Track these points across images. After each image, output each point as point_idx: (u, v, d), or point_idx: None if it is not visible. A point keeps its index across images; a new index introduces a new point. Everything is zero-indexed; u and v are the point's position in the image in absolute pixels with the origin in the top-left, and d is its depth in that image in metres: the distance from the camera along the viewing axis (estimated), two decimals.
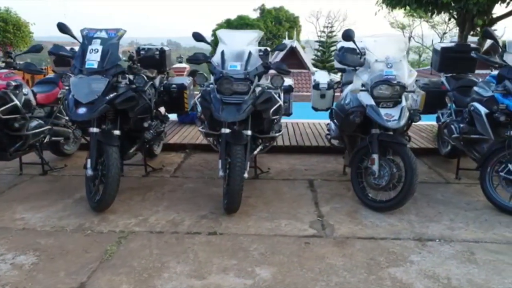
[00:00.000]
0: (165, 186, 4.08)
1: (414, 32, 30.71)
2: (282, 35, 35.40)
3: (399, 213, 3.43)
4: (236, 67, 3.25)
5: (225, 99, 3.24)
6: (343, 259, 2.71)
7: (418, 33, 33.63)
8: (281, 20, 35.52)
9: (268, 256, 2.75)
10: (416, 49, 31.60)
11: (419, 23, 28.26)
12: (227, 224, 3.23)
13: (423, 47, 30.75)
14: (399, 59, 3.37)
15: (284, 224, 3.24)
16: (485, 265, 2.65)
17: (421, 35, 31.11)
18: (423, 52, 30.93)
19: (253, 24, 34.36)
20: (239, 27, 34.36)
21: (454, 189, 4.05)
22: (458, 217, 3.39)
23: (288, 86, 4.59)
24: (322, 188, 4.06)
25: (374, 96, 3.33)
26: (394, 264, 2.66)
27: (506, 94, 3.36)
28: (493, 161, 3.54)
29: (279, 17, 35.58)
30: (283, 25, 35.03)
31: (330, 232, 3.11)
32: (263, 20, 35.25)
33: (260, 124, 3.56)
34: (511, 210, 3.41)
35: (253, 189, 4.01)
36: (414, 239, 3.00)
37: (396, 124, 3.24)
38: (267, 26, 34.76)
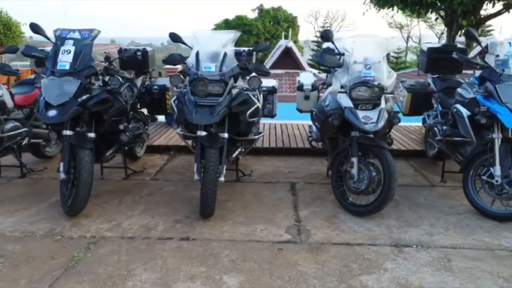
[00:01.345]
0: (144, 189, 4.01)
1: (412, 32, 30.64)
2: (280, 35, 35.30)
3: (378, 218, 3.36)
4: (210, 68, 3.17)
5: (199, 101, 3.17)
6: (315, 266, 2.64)
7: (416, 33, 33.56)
8: (279, 20, 35.45)
9: (238, 263, 2.68)
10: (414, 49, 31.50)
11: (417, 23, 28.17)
12: (201, 229, 3.16)
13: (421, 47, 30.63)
14: (378, 60, 3.29)
15: (259, 229, 3.17)
16: (461, 272, 2.58)
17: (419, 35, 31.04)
18: None
19: (251, 24, 34.36)
20: (237, 27, 34.32)
21: (438, 193, 3.97)
22: (439, 222, 3.31)
23: (271, 87, 4.52)
24: (304, 192, 3.99)
25: (352, 98, 3.26)
26: (367, 271, 2.58)
27: (488, 96, 3.29)
28: (475, 164, 3.47)
29: (277, 17, 35.52)
30: (281, 25, 34.96)
31: (305, 238, 3.03)
32: (261, 20, 35.19)
33: (238, 126, 3.49)
34: (493, 214, 3.34)
35: (233, 192, 3.94)
36: (390, 245, 2.93)
37: (374, 127, 3.17)
38: (265, 26, 34.71)
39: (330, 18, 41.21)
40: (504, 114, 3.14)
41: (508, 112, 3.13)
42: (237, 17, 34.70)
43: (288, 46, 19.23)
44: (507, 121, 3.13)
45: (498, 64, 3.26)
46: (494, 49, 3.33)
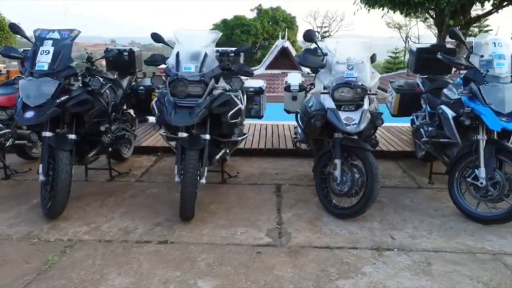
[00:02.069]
0: (128, 191, 3.97)
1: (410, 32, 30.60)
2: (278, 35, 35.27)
3: (362, 220, 3.31)
4: (190, 69, 3.13)
5: (179, 102, 3.12)
6: (293, 270, 2.59)
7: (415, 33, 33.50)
8: (277, 20, 35.38)
9: (215, 267, 2.63)
10: None
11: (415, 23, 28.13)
12: (180, 232, 3.11)
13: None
14: (361, 60, 3.24)
15: (240, 232, 3.12)
16: (440, 277, 2.53)
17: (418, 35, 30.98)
18: None
19: (249, 24, 34.32)
20: (236, 27, 34.35)
21: (425, 195, 3.92)
22: (423, 225, 3.27)
23: (258, 88, 4.48)
24: (289, 193, 3.94)
25: (335, 99, 3.21)
26: (344, 276, 2.53)
27: (472, 97, 3.24)
28: (461, 166, 3.42)
29: (276, 17, 35.45)
30: (280, 25, 34.88)
31: (285, 241, 2.99)
32: (260, 20, 35.13)
33: (220, 127, 3.44)
34: (477, 217, 3.29)
35: (218, 194, 3.89)
36: (371, 248, 2.88)
37: (356, 129, 3.12)
38: (263, 26, 34.67)
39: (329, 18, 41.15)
40: (487, 115, 3.10)
41: (492, 113, 3.08)
42: (235, 17, 34.65)
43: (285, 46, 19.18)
44: (490, 123, 3.08)
45: (482, 64, 3.22)
46: (479, 50, 3.28)
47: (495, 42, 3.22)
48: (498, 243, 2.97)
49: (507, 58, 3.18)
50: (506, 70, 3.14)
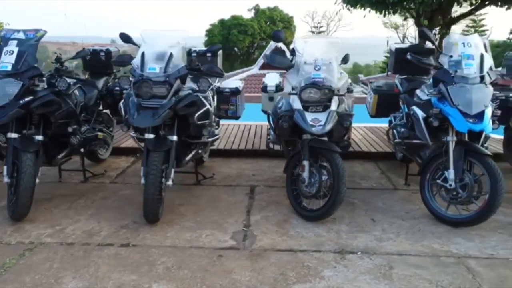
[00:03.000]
0: (100, 193, 3.93)
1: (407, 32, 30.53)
2: None
3: (330, 223, 3.28)
4: (155, 69, 3.09)
5: (143, 103, 3.09)
6: (251, 274, 2.55)
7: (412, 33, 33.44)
8: (275, 20, 35.31)
9: (173, 270, 2.59)
10: None
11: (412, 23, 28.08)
12: (145, 234, 3.07)
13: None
14: (329, 61, 3.20)
15: (205, 235, 3.08)
16: (400, 281, 2.49)
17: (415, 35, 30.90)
18: None
19: (246, 24, 34.26)
20: (233, 27, 34.29)
21: (399, 196, 3.89)
22: (392, 227, 3.23)
23: (234, 89, 4.43)
24: (262, 195, 3.91)
25: (302, 99, 3.17)
26: (302, 280, 2.50)
27: (441, 98, 3.20)
28: (432, 168, 3.38)
29: (273, 17, 35.39)
30: (277, 25, 34.79)
31: (249, 244, 2.95)
32: (257, 20, 35.08)
33: (189, 129, 3.40)
34: (447, 219, 3.25)
35: (190, 196, 3.86)
36: (335, 251, 2.84)
37: (321, 130, 3.09)
38: (261, 26, 34.61)
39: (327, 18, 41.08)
40: (455, 116, 3.06)
41: (459, 114, 3.04)
42: (232, 17, 34.59)
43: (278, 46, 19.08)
44: (457, 124, 3.04)
45: (451, 65, 3.18)
46: (449, 50, 3.25)
47: (464, 42, 3.19)
48: (464, 246, 2.93)
49: (476, 59, 3.14)
50: (474, 70, 3.10)
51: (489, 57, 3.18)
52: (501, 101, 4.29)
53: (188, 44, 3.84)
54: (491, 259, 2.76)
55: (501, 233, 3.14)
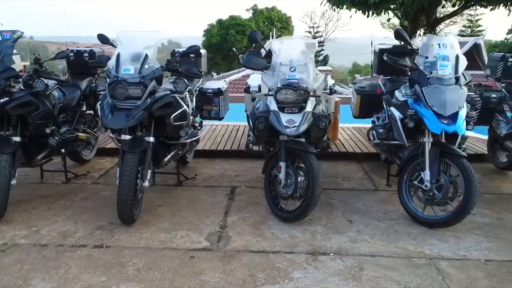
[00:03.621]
0: (80, 194, 3.93)
1: None
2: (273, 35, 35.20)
3: (306, 224, 3.27)
4: (129, 70, 3.09)
5: (118, 104, 3.09)
6: (221, 275, 2.55)
7: None
8: (273, 20, 35.32)
9: (143, 272, 2.59)
10: None
11: None
12: (120, 236, 3.07)
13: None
14: (304, 62, 3.20)
15: (180, 236, 3.08)
16: (368, 282, 2.49)
17: None
18: None
19: (244, 24, 34.24)
20: (231, 27, 34.27)
21: (379, 197, 3.88)
22: (368, 228, 3.23)
23: (216, 90, 4.43)
24: (242, 196, 3.91)
25: (278, 100, 3.17)
26: (271, 281, 2.49)
27: (417, 99, 3.20)
28: (409, 169, 3.38)
29: (271, 17, 35.39)
30: (275, 25, 34.80)
31: (223, 245, 2.95)
32: (255, 20, 35.08)
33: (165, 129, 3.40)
34: (423, 220, 3.25)
35: (170, 197, 3.86)
36: (308, 253, 2.84)
37: (295, 131, 3.08)
38: (258, 26, 34.56)
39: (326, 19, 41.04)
40: (429, 118, 3.06)
41: (433, 115, 3.04)
42: (230, 17, 34.57)
43: None
44: (431, 125, 3.04)
45: (426, 66, 3.18)
46: (425, 51, 3.24)
47: (440, 43, 3.19)
48: (438, 247, 2.93)
49: (451, 60, 3.14)
50: (449, 71, 3.10)
51: (465, 58, 3.17)
52: (483, 102, 4.30)
53: (164, 44, 3.85)
54: (463, 260, 2.76)
55: (476, 234, 3.14)
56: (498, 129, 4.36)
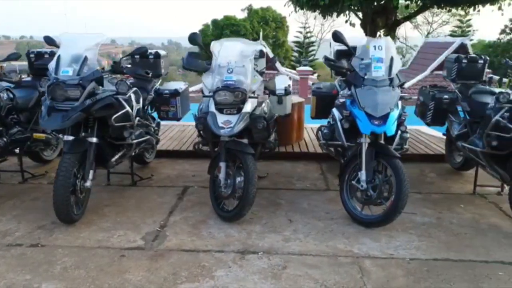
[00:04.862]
0: (33, 194, 3.97)
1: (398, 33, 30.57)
2: (268, 35, 35.32)
3: (246, 223, 3.32)
4: (68, 72, 3.14)
5: (57, 105, 3.13)
6: (144, 274, 2.60)
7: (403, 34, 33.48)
8: (267, 20, 35.33)
9: (69, 270, 2.64)
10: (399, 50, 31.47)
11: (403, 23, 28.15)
12: (58, 235, 3.12)
13: (406, 48, 30.69)
14: (242, 64, 3.25)
15: (117, 235, 3.13)
16: (286, 280, 2.54)
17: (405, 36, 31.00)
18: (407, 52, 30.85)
19: (239, 24, 34.26)
20: (225, 27, 34.30)
21: (328, 197, 3.93)
22: (305, 227, 3.27)
23: (173, 90, 4.48)
24: (192, 196, 3.96)
25: (216, 102, 3.22)
26: (192, 279, 2.54)
27: (353, 100, 3.24)
28: (349, 169, 3.43)
29: (266, 17, 35.40)
30: (270, 25, 34.85)
31: (157, 244, 3.00)
32: (250, 20, 35.10)
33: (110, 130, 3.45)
34: (361, 220, 3.30)
35: (120, 197, 3.90)
36: (237, 251, 2.89)
37: (229, 132, 3.13)
38: (253, 26, 34.60)
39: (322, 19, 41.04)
40: (361, 119, 3.11)
41: (365, 116, 3.09)
42: (225, 17, 34.58)
43: None
44: (362, 127, 3.09)
45: (361, 68, 3.22)
46: (361, 53, 3.29)
47: (375, 45, 3.23)
48: (369, 246, 2.98)
49: (385, 62, 3.18)
50: (382, 73, 3.15)
51: (399, 60, 3.22)
52: (436, 102, 4.35)
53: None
54: (388, 259, 2.80)
55: (410, 234, 3.18)
56: (451, 130, 4.40)
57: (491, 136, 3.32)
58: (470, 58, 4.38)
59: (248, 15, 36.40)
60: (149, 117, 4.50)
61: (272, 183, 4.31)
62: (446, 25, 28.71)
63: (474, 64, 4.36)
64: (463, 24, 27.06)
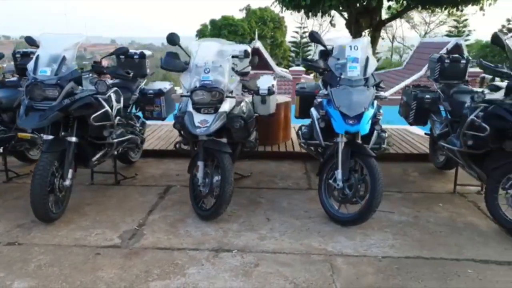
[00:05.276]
0: (16, 193, 4.00)
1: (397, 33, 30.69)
2: (267, 35, 35.43)
3: (224, 221, 3.35)
4: (46, 72, 3.17)
5: (35, 105, 3.16)
6: (117, 272, 2.63)
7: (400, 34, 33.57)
8: (265, 20, 35.40)
9: (43, 268, 2.67)
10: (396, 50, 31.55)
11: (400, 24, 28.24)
12: (36, 233, 3.15)
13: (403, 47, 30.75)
14: (219, 64, 3.28)
15: (95, 234, 3.16)
16: (257, 278, 2.57)
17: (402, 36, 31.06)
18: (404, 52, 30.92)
19: (237, 24, 34.33)
20: (223, 27, 34.36)
21: (309, 196, 3.95)
22: (282, 226, 3.30)
23: (157, 90, 4.51)
24: (173, 195, 3.98)
25: (194, 101, 3.25)
26: (163, 277, 2.57)
27: (330, 100, 3.27)
28: (327, 168, 3.45)
29: (264, 17, 35.46)
30: (268, 25, 34.92)
31: (133, 243, 3.02)
32: (248, 20, 35.15)
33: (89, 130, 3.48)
34: (337, 218, 3.33)
35: (102, 196, 3.93)
36: (212, 249, 2.92)
37: (205, 131, 3.16)
38: (251, 26, 34.64)
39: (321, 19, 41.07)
40: (336, 118, 3.13)
41: (339, 116, 3.11)
42: (223, 17, 34.65)
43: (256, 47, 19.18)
44: (337, 126, 3.12)
45: (337, 68, 3.25)
46: (337, 53, 3.32)
47: (351, 45, 3.26)
48: (343, 244, 3.01)
49: (361, 62, 3.21)
50: (357, 73, 3.18)
51: (375, 60, 3.25)
52: (418, 102, 4.38)
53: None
54: (360, 257, 2.83)
55: (386, 232, 3.21)
56: (434, 129, 4.43)
57: (467, 136, 3.35)
58: (453, 58, 4.40)
59: (246, 15, 36.46)
60: (133, 116, 4.53)
61: (255, 182, 4.34)
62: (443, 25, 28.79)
63: (457, 64, 4.39)
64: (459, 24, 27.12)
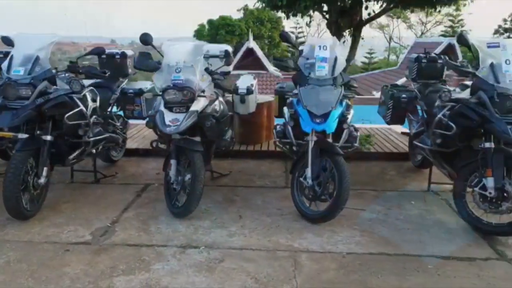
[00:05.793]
0: None
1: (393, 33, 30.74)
2: (264, 35, 35.47)
3: (195, 219, 3.40)
4: (19, 72, 3.22)
5: (9, 104, 3.22)
6: (84, 267, 2.68)
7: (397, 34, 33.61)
8: (263, 21, 35.44)
9: (11, 264, 2.72)
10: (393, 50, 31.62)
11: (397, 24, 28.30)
12: (10, 230, 3.20)
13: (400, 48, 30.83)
14: (191, 64, 3.33)
15: (67, 231, 3.21)
16: (220, 273, 2.62)
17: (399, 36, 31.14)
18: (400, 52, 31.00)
19: (234, 24, 34.36)
20: (221, 27, 34.41)
21: (284, 194, 3.98)
22: (253, 223, 3.35)
23: (138, 90, 4.55)
24: (151, 193, 4.03)
25: (165, 100, 3.30)
26: (128, 272, 2.62)
27: (298, 99, 3.32)
28: (298, 166, 3.50)
29: (261, 17, 35.49)
30: (265, 26, 34.96)
31: (104, 239, 3.07)
32: (245, 20, 35.19)
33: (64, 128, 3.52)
34: (308, 216, 3.37)
35: (80, 194, 3.98)
36: (180, 246, 2.97)
37: (175, 130, 3.21)
38: (248, 26, 34.69)
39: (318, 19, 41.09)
40: (304, 117, 3.18)
41: (307, 115, 3.17)
42: (220, 17, 34.69)
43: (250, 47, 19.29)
44: (304, 124, 3.17)
45: (306, 67, 3.31)
46: (307, 53, 3.37)
47: (320, 45, 3.31)
48: (309, 241, 3.06)
49: (329, 61, 3.26)
50: (325, 73, 3.23)
51: (344, 60, 3.30)
52: (394, 101, 4.43)
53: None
54: (325, 253, 2.88)
55: (354, 229, 3.26)
56: (410, 128, 4.48)
57: (435, 134, 3.41)
58: (430, 58, 4.45)
59: (244, 16, 36.49)
60: (113, 116, 4.58)
61: (233, 181, 4.39)
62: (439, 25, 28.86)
63: (434, 64, 4.43)
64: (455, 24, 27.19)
